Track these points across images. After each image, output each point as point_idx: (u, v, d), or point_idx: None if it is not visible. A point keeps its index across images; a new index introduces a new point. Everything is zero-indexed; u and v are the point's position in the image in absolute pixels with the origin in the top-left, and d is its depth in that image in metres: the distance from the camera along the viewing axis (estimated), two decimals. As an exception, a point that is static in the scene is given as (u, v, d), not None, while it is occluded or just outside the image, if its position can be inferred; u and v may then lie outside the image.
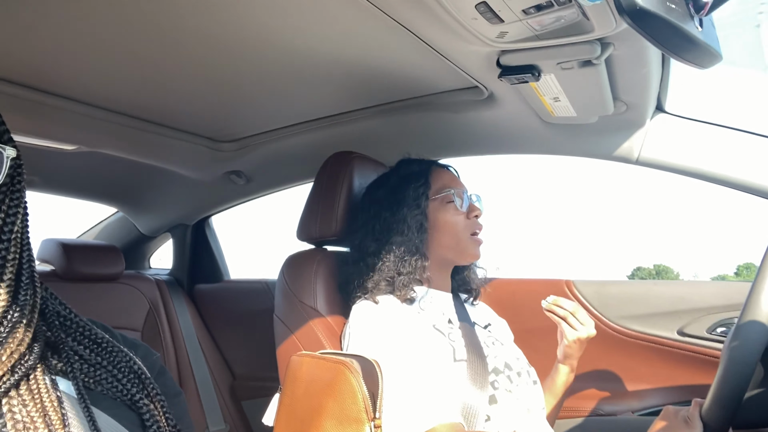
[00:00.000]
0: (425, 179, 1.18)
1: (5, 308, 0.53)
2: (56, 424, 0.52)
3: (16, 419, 0.51)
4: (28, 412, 0.52)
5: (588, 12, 0.78)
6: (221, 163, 1.71)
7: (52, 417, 0.52)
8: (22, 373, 0.53)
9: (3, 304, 0.53)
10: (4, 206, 0.55)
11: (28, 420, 0.51)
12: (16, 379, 0.52)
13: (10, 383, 0.52)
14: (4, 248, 0.54)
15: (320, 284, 1.20)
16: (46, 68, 1.08)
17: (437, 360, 1.02)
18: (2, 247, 0.53)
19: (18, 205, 0.56)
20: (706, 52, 0.71)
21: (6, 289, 0.53)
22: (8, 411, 0.51)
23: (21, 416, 0.51)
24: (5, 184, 0.55)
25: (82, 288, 1.80)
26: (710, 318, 1.41)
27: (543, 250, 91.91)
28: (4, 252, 0.54)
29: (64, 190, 1.98)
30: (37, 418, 0.51)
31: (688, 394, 1.40)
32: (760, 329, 0.71)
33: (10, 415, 0.51)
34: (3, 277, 0.53)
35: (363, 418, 0.78)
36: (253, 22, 0.93)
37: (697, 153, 1.25)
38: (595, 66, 0.97)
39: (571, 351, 1.16)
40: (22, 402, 0.52)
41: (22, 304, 0.55)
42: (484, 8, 0.78)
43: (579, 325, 1.14)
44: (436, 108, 1.34)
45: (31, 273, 0.57)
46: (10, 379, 0.52)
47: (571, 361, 1.19)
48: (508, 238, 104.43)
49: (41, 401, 0.53)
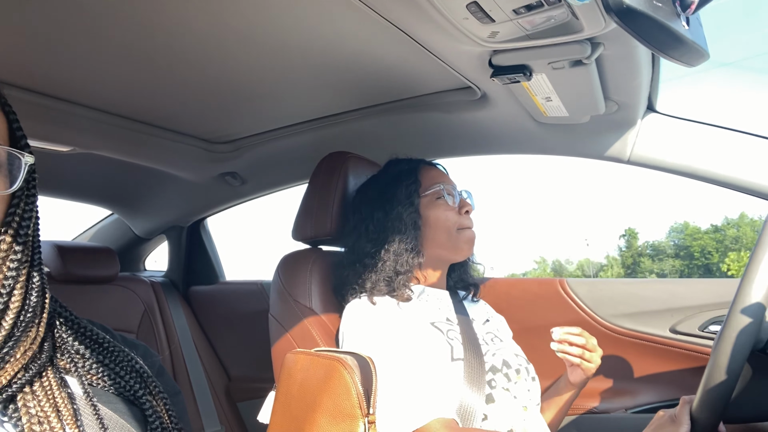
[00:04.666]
0: (415, 177, 1.18)
1: (19, 309, 0.54)
2: (68, 419, 0.54)
3: (31, 413, 0.53)
4: (42, 407, 0.54)
5: (577, 12, 0.79)
6: (216, 165, 1.71)
7: (63, 413, 0.54)
8: (34, 371, 0.55)
9: (17, 305, 0.54)
10: (19, 210, 0.56)
11: (42, 415, 0.53)
12: (30, 376, 0.54)
13: (24, 380, 0.54)
14: (20, 251, 0.55)
15: (315, 283, 1.20)
16: (39, 70, 1.08)
17: (434, 357, 1.02)
18: (18, 250, 0.55)
19: (32, 210, 0.58)
20: (693, 50, 0.72)
21: (20, 291, 0.55)
22: (23, 406, 0.53)
23: (36, 411, 0.53)
24: (21, 189, 0.57)
25: (77, 290, 1.80)
26: (703, 315, 1.42)
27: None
28: (20, 255, 0.55)
29: (59, 192, 1.98)
30: (50, 413, 0.54)
31: (681, 392, 1.41)
32: (748, 326, 0.72)
33: (25, 410, 0.53)
34: (18, 278, 0.55)
35: (357, 413, 0.79)
36: (246, 23, 0.94)
37: (688, 152, 1.26)
38: (585, 66, 0.98)
39: (583, 379, 1.14)
40: (36, 398, 0.54)
41: (34, 304, 0.56)
42: (475, 8, 0.79)
43: (593, 355, 1.11)
44: (430, 108, 1.35)
45: (41, 276, 0.59)
46: (24, 376, 0.54)
47: (583, 383, 1.16)
48: (502, 237, 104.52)
49: (53, 398, 0.55)
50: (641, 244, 29.05)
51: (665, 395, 1.43)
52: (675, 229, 33.04)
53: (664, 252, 28.81)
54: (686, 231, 29.96)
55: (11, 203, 0.56)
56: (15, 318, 0.54)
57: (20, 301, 0.54)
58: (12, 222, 0.55)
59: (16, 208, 0.56)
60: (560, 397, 1.19)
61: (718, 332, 0.75)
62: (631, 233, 30.52)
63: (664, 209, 79.68)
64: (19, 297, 0.54)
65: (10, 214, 0.55)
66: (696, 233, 29.44)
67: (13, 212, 0.56)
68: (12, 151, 0.56)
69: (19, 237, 0.55)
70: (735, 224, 28.08)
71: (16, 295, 0.54)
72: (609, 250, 28.84)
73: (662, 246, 29.64)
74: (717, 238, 28.44)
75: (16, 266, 0.54)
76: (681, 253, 28.63)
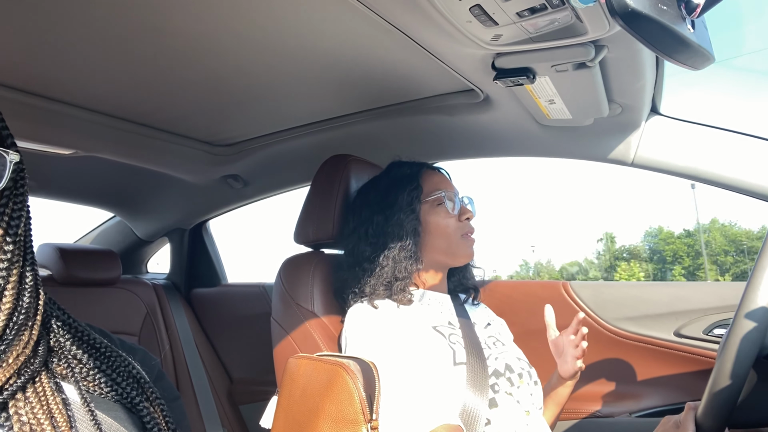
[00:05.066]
0: (417, 182, 1.18)
1: (10, 311, 0.53)
2: (63, 426, 0.53)
3: (22, 421, 0.51)
4: (35, 414, 0.52)
5: (581, 14, 0.79)
6: (218, 167, 1.71)
7: (58, 420, 0.53)
8: (27, 376, 0.54)
9: (9, 306, 0.53)
10: (8, 210, 0.55)
11: (35, 422, 0.51)
12: (23, 381, 0.53)
13: (16, 386, 0.52)
14: (9, 251, 0.54)
15: (317, 287, 1.20)
16: (41, 72, 1.08)
17: (437, 362, 1.02)
18: (8, 249, 0.54)
19: (21, 209, 0.57)
20: (698, 53, 0.72)
21: (11, 291, 0.53)
22: (14, 413, 0.51)
23: (27, 419, 0.51)
24: (8, 188, 0.56)
25: (79, 293, 1.80)
26: (707, 319, 1.41)
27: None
28: (10, 255, 0.54)
29: (61, 195, 1.98)
30: (44, 421, 0.52)
31: (686, 396, 1.40)
32: (753, 332, 0.71)
33: (16, 417, 0.51)
34: (9, 279, 0.54)
35: (360, 419, 0.78)
36: (249, 26, 0.94)
37: (692, 154, 1.26)
38: (589, 68, 0.98)
39: (577, 374, 1.17)
40: (29, 405, 0.52)
41: (27, 307, 0.55)
42: (478, 11, 0.79)
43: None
44: (433, 111, 1.34)
45: (34, 276, 0.58)
46: (16, 381, 0.52)
47: (576, 376, 1.19)
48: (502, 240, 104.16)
49: (47, 404, 0.53)
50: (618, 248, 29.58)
51: (670, 399, 1.43)
52: (650, 234, 33.56)
53: (639, 256, 29.22)
54: (660, 235, 30.40)
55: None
56: (6, 320, 0.52)
57: (12, 302, 0.53)
58: (1, 221, 0.54)
59: (5, 207, 0.55)
60: (555, 392, 1.20)
61: (723, 338, 0.75)
62: (609, 237, 31.11)
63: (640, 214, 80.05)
64: (11, 298, 0.53)
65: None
66: (669, 238, 29.90)
67: (2, 211, 0.55)
68: None
69: (8, 236, 0.54)
70: (706, 229, 28.54)
71: (8, 296, 0.53)
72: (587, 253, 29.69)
73: (637, 250, 30.10)
74: (689, 243, 28.87)
75: (6, 266, 0.53)
76: (655, 257, 29.02)
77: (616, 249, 30.18)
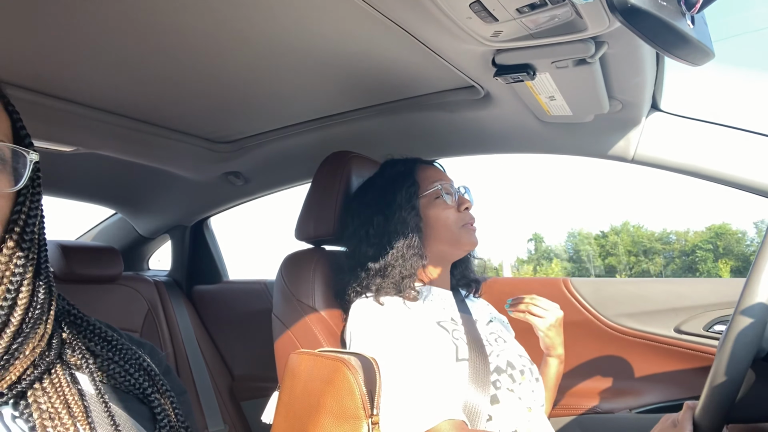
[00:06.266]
0: (413, 179, 1.18)
1: (27, 305, 0.55)
2: (79, 416, 0.55)
3: (42, 409, 0.53)
4: (53, 403, 0.54)
5: (581, 10, 0.79)
6: (219, 164, 1.71)
7: (74, 409, 0.55)
8: (43, 367, 0.55)
9: (25, 301, 0.55)
10: (25, 208, 0.57)
11: (53, 411, 0.54)
12: (39, 373, 0.55)
13: (33, 377, 0.54)
14: (27, 248, 0.56)
15: (318, 283, 1.20)
16: (43, 70, 1.09)
17: (440, 358, 1.02)
18: (25, 247, 0.55)
19: (37, 207, 0.59)
20: (698, 49, 0.72)
21: (27, 287, 0.55)
22: (34, 401, 0.53)
23: (46, 407, 0.54)
24: (26, 187, 0.57)
25: (81, 289, 1.81)
26: (707, 315, 1.41)
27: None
28: (27, 252, 0.56)
29: (62, 192, 1.98)
30: (61, 410, 0.54)
31: (686, 392, 1.41)
32: (751, 331, 0.71)
33: (35, 405, 0.53)
34: (25, 276, 0.55)
35: (361, 414, 0.79)
36: (249, 23, 0.94)
37: (693, 151, 1.26)
38: (589, 64, 0.98)
39: (550, 340, 1.19)
40: (46, 394, 0.54)
41: (42, 301, 0.57)
42: (478, 7, 0.79)
43: (543, 311, 1.17)
44: (433, 108, 1.34)
45: (47, 272, 0.59)
46: (33, 372, 0.54)
47: (557, 352, 1.21)
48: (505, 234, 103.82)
49: (63, 395, 0.55)
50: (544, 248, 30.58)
51: (669, 395, 1.43)
52: (571, 234, 34.61)
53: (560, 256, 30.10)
54: (579, 236, 31.31)
55: (17, 201, 0.57)
56: (23, 315, 0.54)
57: (28, 298, 0.55)
58: (18, 220, 0.56)
59: (22, 206, 0.56)
60: (545, 376, 1.21)
61: (721, 337, 0.75)
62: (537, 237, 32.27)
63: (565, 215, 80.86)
64: (27, 294, 0.55)
65: (16, 212, 0.56)
66: (587, 238, 30.80)
67: (19, 210, 0.56)
68: (17, 149, 0.56)
69: (25, 234, 0.56)
70: (617, 231, 29.48)
71: (24, 292, 0.55)
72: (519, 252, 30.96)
73: (558, 250, 31.02)
74: (601, 243, 29.82)
75: (23, 263, 0.55)
76: (574, 257, 29.92)
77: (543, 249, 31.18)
